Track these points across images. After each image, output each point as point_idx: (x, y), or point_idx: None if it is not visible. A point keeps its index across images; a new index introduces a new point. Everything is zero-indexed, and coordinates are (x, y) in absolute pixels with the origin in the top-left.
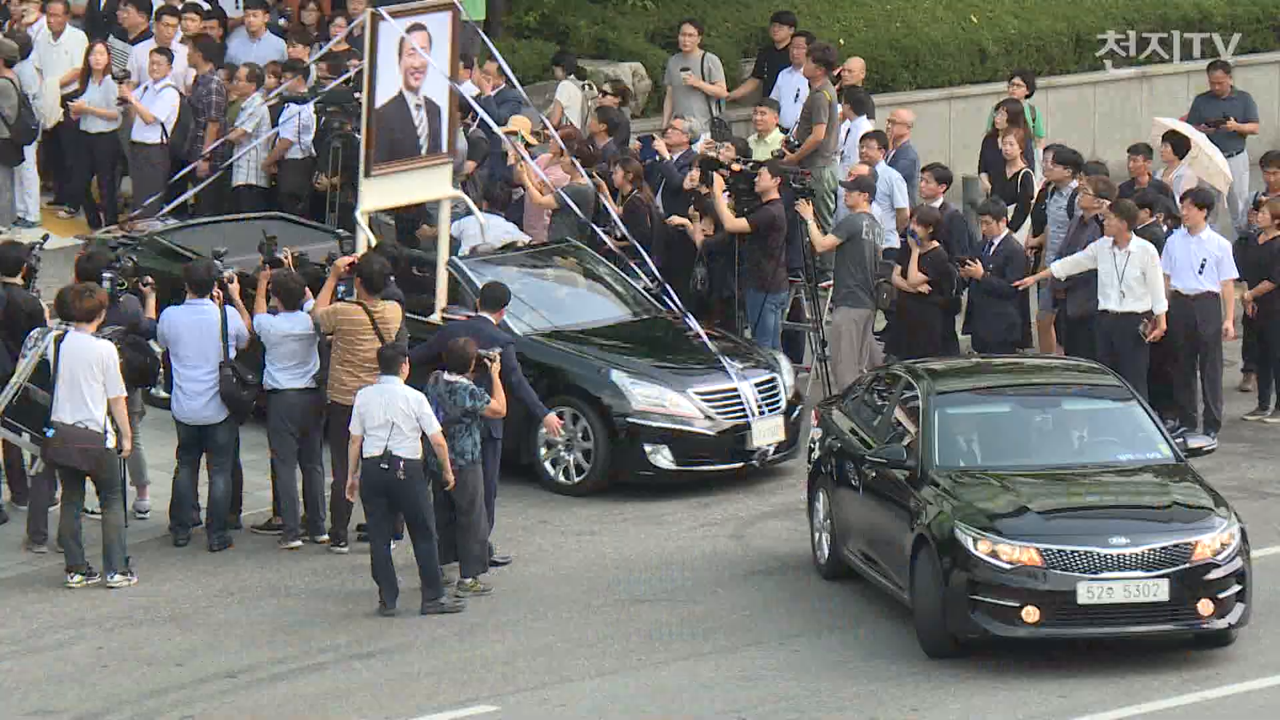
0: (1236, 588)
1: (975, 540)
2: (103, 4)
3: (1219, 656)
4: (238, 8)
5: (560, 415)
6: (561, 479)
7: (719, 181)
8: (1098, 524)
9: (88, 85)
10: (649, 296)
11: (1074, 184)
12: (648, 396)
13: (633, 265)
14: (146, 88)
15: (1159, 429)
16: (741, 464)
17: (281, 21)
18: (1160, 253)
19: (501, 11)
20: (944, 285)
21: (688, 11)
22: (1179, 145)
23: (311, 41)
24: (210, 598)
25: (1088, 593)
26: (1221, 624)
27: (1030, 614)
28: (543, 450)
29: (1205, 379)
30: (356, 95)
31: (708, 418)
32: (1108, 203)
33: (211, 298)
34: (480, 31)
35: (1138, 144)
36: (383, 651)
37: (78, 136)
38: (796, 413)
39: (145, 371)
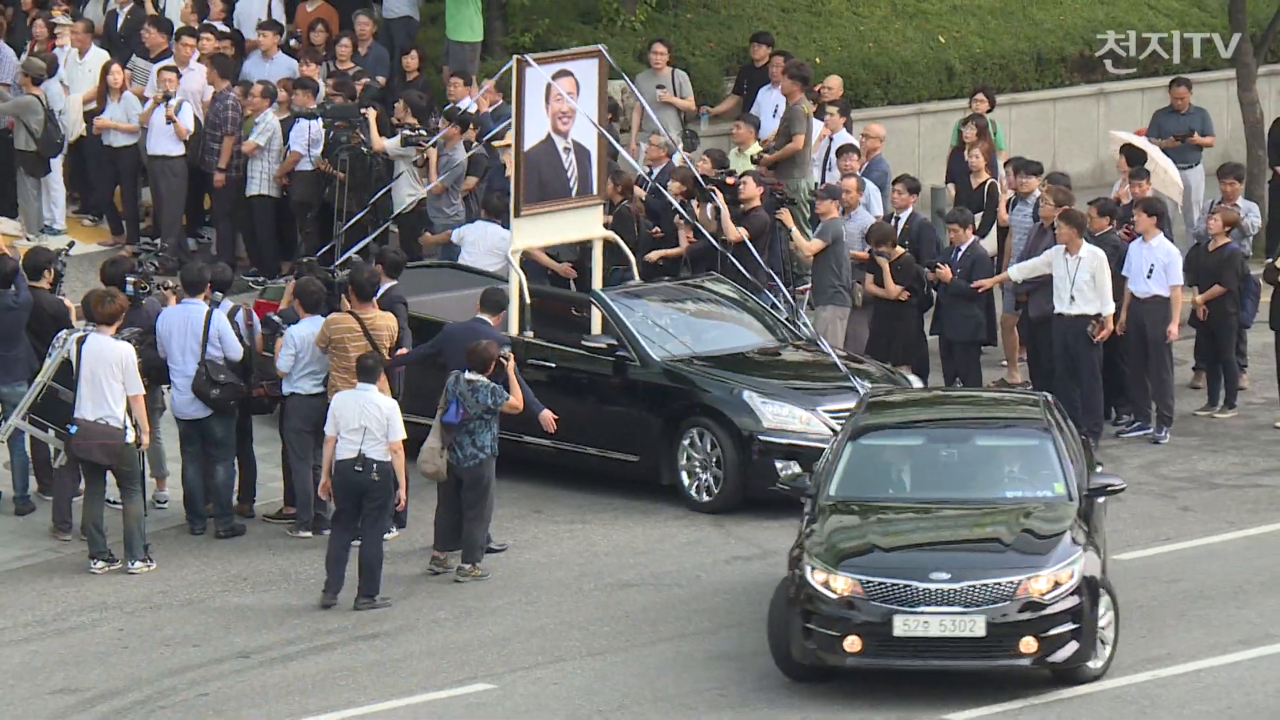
0: (1069, 626)
1: (812, 569)
2: (120, 25)
3: (1171, 638)
4: (249, 28)
5: (699, 434)
6: (704, 497)
7: (720, 196)
8: (927, 558)
9: (107, 102)
10: (788, 324)
11: (1037, 193)
12: (778, 415)
13: (766, 291)
14: (183, 102)
15: (1063, 468)
16: None
17: (292, 42)
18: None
19: (499, 32)
20: (917, 289)
21: (672, 33)
22: (1134, 158)
23: (320, 60)
24: (225, 583)
25: (904, 625)
26: (1047, 663)
27: (852, 644)
28: (684, 475)
29: (1152, 378)
30: (363, 111)
31: (835, 433)
32: (1062, 210)
33: (205, 299)
34: (611, 63)
35: (1227, 172)
36: (385, 634)
37: (100, 150)
38: None
39: (164, 370)
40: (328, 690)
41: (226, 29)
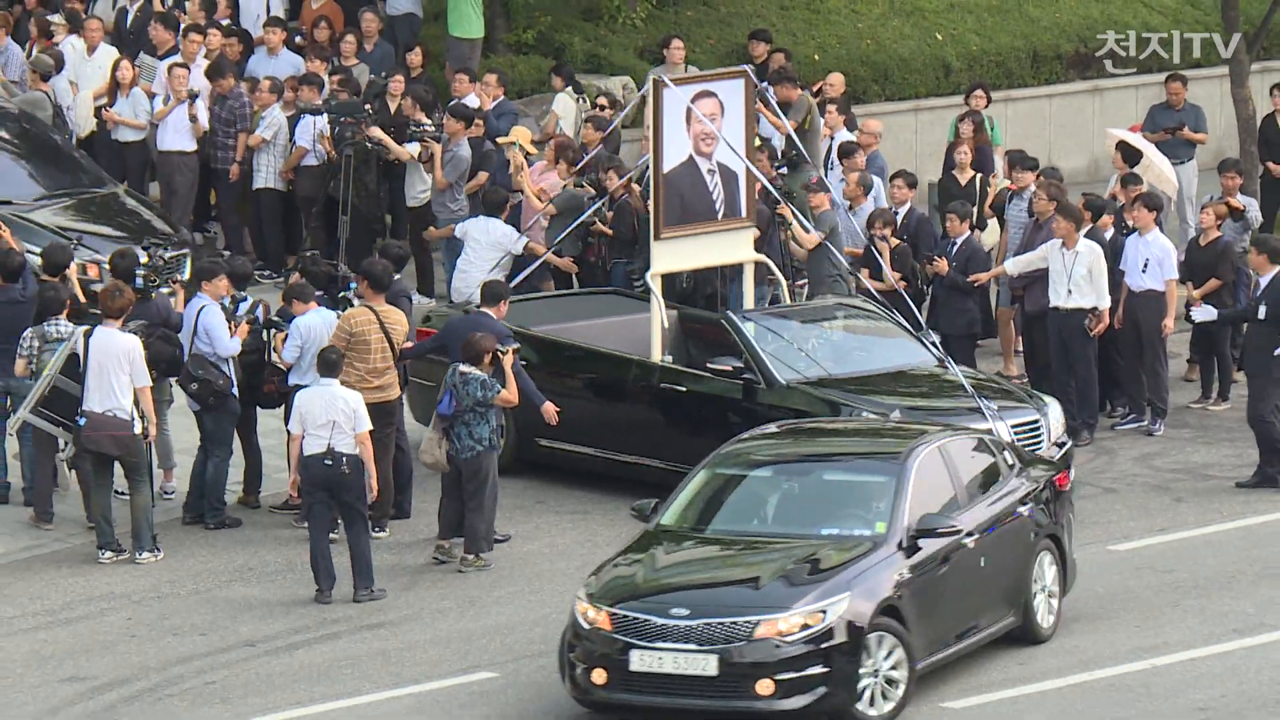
0: (816, 669)
1: (579, 599)
2: (129, 22)
3: (1166, 627)
4: (255, 25)
5: None
6: None
7: None
8: (677, 595)
9: (116, 98)
10: (931, 346)
11: (1032, 188)
12: None
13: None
14: (196, 99)
15: (896, 507)
16: None
17: (298, 39)
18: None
19: (501, 30)
20: (910, 281)
21: (674, 30)
22: (1129, 155)
23: (325, 57)
24: (231, 573)
25: (640, 660)
26: (785, 706)
27: (598, 677)
28: None
29: (1146, 370)
30: (367, 106)
31: None
32: (1056, 205)
33: (213, 294)
34: (755, 83)
35: (1228, 166)
36: (391, 623)
37: (110, 145)
38: (1064, 450)
39: (174, 362)
40: (333, 679)
41: (234, 26)
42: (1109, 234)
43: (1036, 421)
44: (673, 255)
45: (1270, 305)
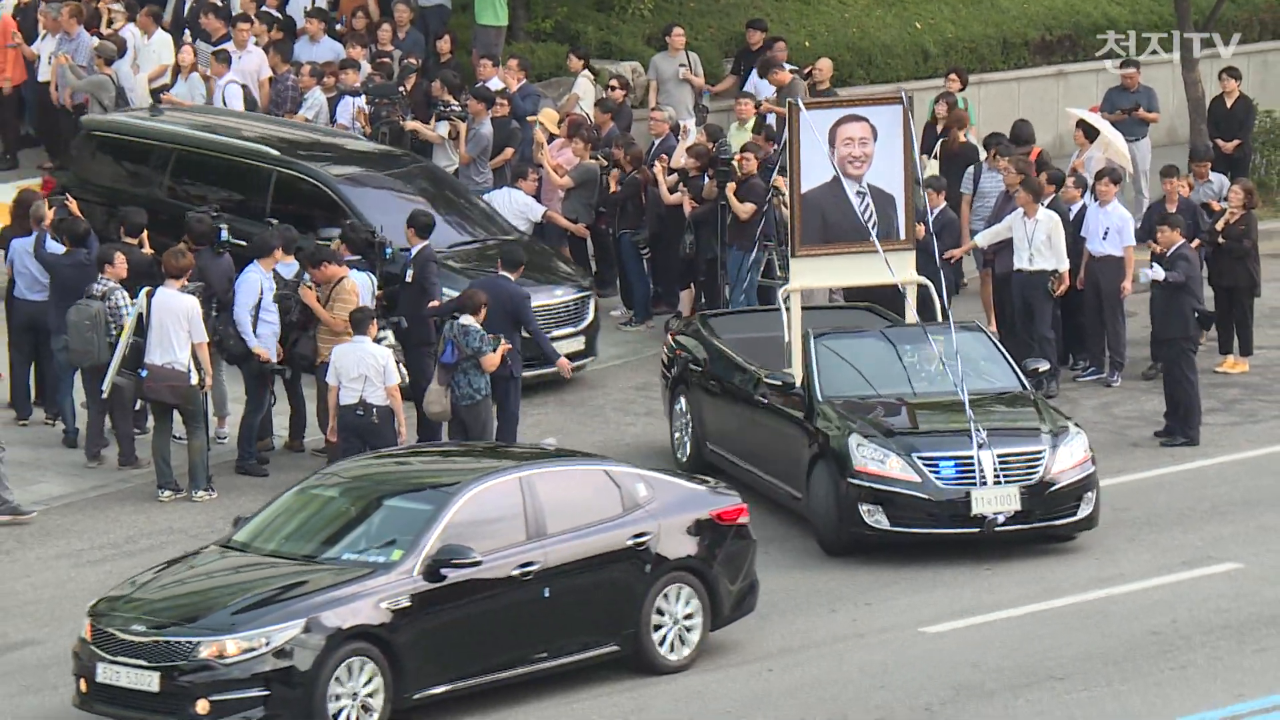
0: (255, 692)
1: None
2: (186, 11)
3: (1122, 560)
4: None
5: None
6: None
7: (731, 180)
8: (154, 611)
9: (176, 80)
10: (1017, 371)
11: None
12: (869, 458)
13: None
14: (229, 84)
15: (420, 536)
16: (968, 530)
17: (338, 27)
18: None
19: (522, 19)
20: None
21: (678, 19)
22: (1089, 132)
23: (363, 44)
24: None
25: (103, 673)
26: None
27: (83, 686)
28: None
29: (1107, 328)
30: (400, 88)
31: (925, 482)
32: (1022, 179)
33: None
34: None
35: (1169, 166)
36: None
37: None
38: (1060, 484)
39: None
40: None
41: (279, 15)
42: (1077, 206)
43: (1037, 454)
44: (814, 272)
45: (1177, 271)
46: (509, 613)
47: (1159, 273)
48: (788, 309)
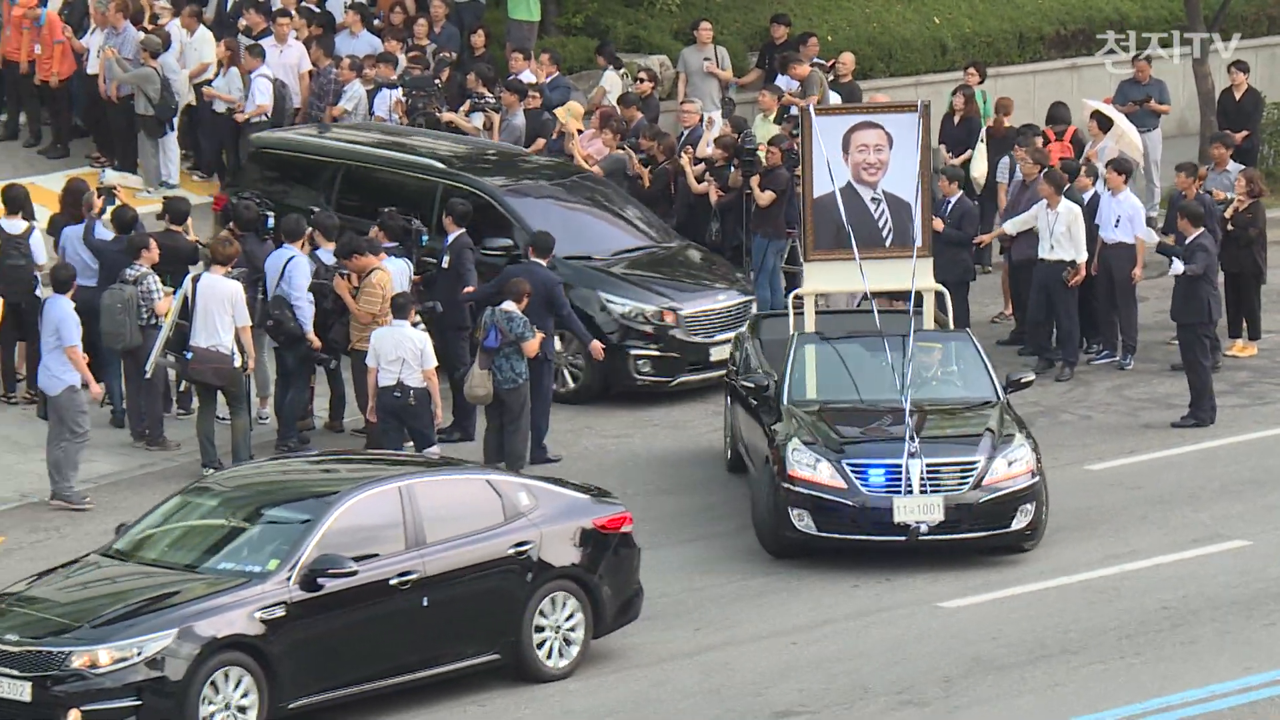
0: (127, 702)
1: None
2: (229, 6)
3: (1134, 537)
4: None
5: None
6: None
7: (755, 171)
8: (29, 619)
9: (217, 74)
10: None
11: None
12: (801, 463)
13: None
14: (256, 78)
15: (296, 545)
16: (892, 538)
17: (376, 21)
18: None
19: (554, 14)
20: None
21: (704, 14)
22: (1103, 123)
23: (400, 38)
24: None
25: None
26: None
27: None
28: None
29: (1119, 313)
30: (436, 80)
31: (851, 488)
32: (1040, 169)
33: (301, 247)
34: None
35: (1184, 163)
36: None
37: (209, 116)
38: (991, 496)
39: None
40: None
41: (318, 10)
42: (1089, 194)
43: (969, 464)
44: (827, 277)
45: (1195, 263)
46: (387, 622)
47: (1178, 267)
48: (798, 311)
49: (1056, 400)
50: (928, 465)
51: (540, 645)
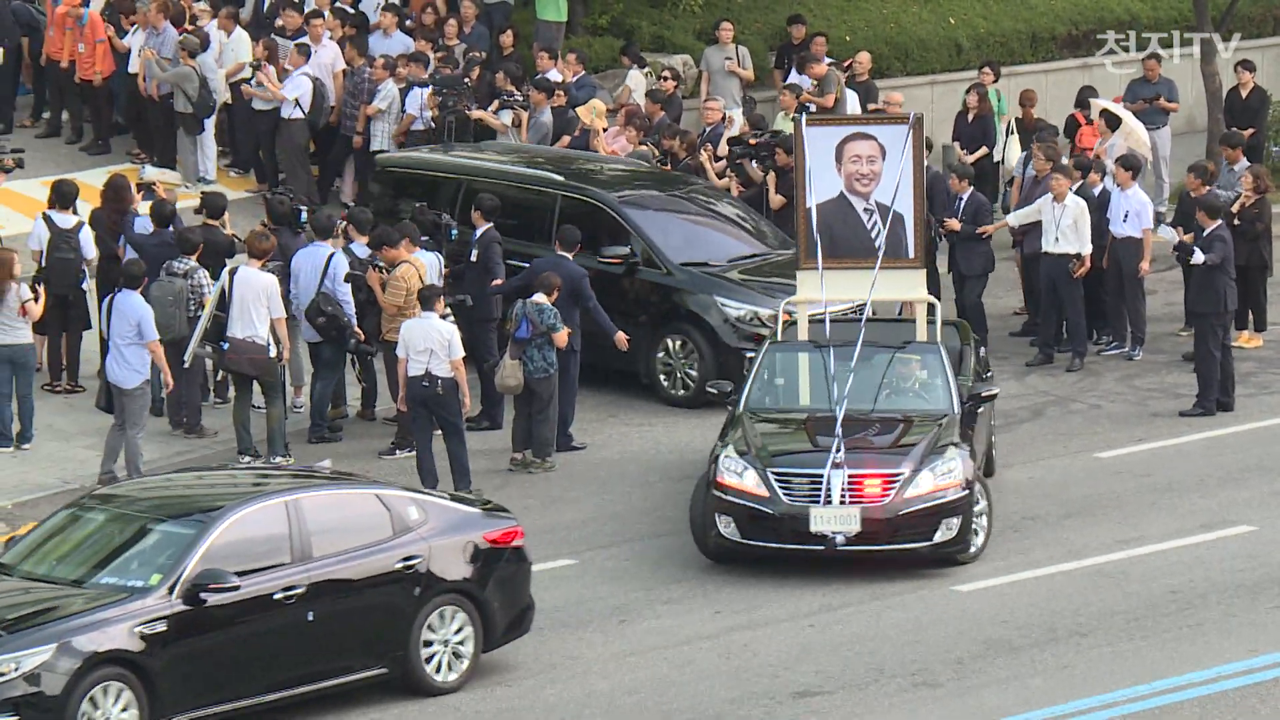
0: (6, 718)
1: None
2: (266, 7)
3: (1142, 523)
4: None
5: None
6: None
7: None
8: None
9: (254, 74)
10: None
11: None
12: (729, 470)
13: None
14: (290, 74)
15: (179, 559)
16: (811, 548)
17: (408, 22)
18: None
19: (580, 15)
20: (924, 229)
21: (726, 14)
22: (1112, 121)
23: (431, 38)
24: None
25: None
26: None
27: None
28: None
29: (1128, 305)
30: (466, 79)
31: (772, 497)
32: (1051, 165)
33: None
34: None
35: (1196, 164)
36: None
37: (246, 114)
38: (912, 509)
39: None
40: None
41: (352, 11)
42: (1098, 190)
43: (892, 476)
44: (815, 286)
45: (1214, 253)
46: (271, 636)
47: (1199, 257)
48: (791, 319)
49: (1067, 390)
50: (850, 476)
51: (429, 660)
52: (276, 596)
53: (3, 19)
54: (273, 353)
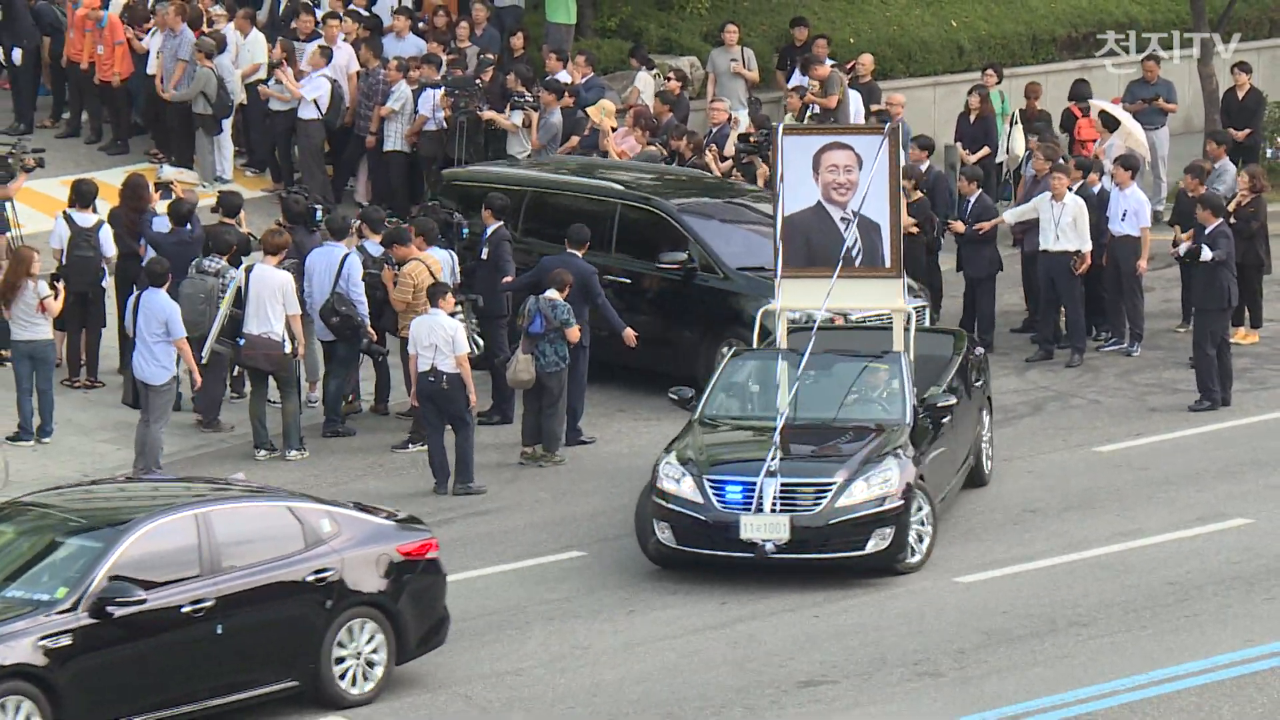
0: None
1: None
2: (281, 9)
3: (1141, 516)
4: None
5: None
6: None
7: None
8: None
9: (271, 75)
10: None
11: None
12: (668, 476)
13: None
14: (308, 75)
15: (86, 573)
16: (742, 555)
17: (421, 24)
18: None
19: (590, 17)
20: (926, 228)
21: (733, 17)
22: (1108, 122)
23: (443, 40)
24: (364, 469)
25: None
26: None
27: None
28: None
29: (1127, 302)
30: (477, 80)
31: (706, 504)
32: (1051, 165)
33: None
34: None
35: (1192, 165)
36: (495, 510)
37: (261, 114)
38: (843, 518)
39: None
40: (446, 556)
41: (366, 13)
42: (1096, 189)
43: (825, 485)
44: (796, 294)
45: (1220, 249)
46: (180, 649)
47: (1207, 253)
48: (770, 328)
49: (1067, 385)
50: (783, 485)
51: (342, 674)
52: (185, 609)
53: (23, 20)
54: (288, 349)
